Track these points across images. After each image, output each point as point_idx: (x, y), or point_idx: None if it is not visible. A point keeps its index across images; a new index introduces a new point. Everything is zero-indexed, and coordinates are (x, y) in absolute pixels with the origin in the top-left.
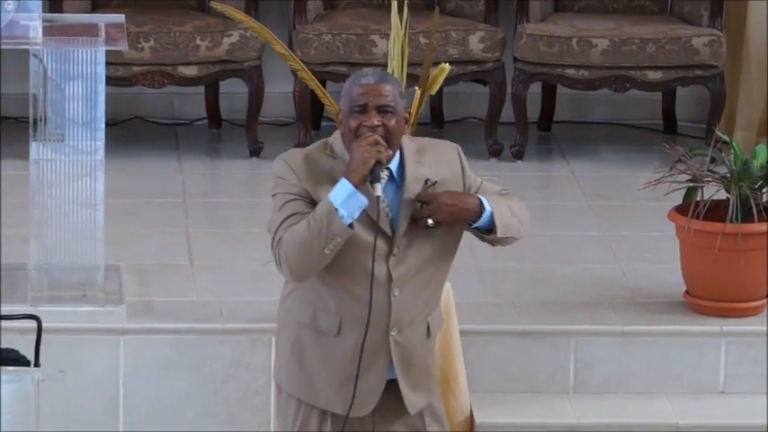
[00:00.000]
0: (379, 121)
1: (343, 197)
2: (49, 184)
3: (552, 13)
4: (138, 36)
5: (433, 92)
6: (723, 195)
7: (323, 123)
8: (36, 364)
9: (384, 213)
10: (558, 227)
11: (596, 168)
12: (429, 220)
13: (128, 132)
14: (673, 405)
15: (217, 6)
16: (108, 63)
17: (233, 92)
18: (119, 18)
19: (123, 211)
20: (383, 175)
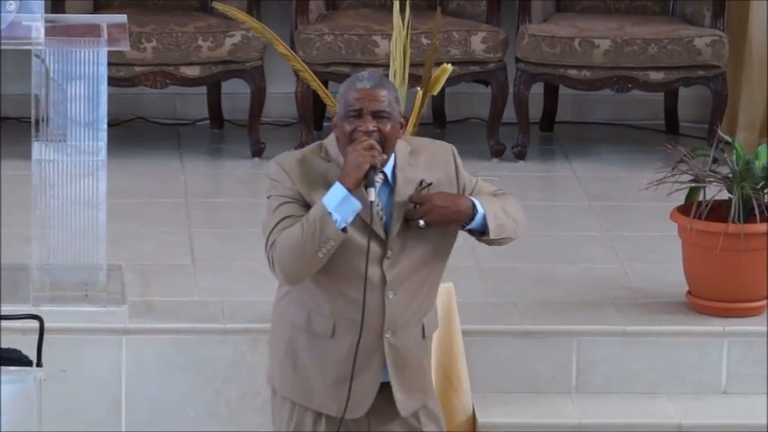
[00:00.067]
0: (375, 127)
1: (336, 201)
2: (51, 184)
3: (554, 13)
4: (141, 36)
5: (435, 92)
6: (725, 196)
7: (325, 124)
8: (38, 364)
9: (378, 217)
10: (560, 227)
11: (598, 169)
12: (421, 221)
13: (130, 133)
14: (675, 405)
15: (219, 7)
16: (110, 63)
17: (235, 92)
18: (121, 18)
19: (125, 211)
20: (378, 179)
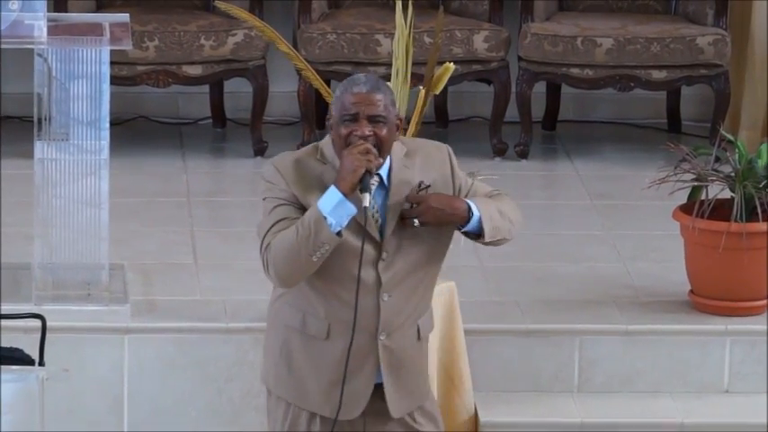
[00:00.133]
0: (371, 131)
1: (331, 205)
2: (53, 183)
3: (557, 12)
4: (143, 35)
5: (437, 91)
6: (727, 194)
7: (327, 122)
8: (40, 363)
9: (373, 219)
10: (563, 226)
11: (601, 167)
12: (416, 221)
13: (132, 132)
14: (677, 404)
15: (221, 6)
16: (112, 62)
17: (237, 91)
18: (123, 17)
19: (127, 210)
20: (374, 182)
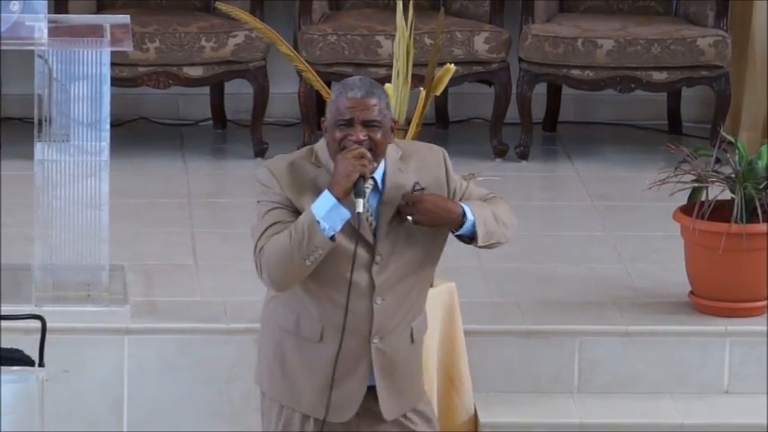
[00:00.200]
0: (365, 136)
1: (325, 210)
2: (53, 184)
3: (557, 13)
4: (144, 37)
5: (438, 92)
6: (728, 196)
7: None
8: (40, 364)
9: (367, 222)
10: (563, 227)
11: (601, 169)
12: (409, 218)
13: (133, 133)
14: (677, 405)
15: (222, 7)
16: (113, 64)
17: (238, 92)
18: (124, 19)
19: (128, 211)
20: (368, 185)
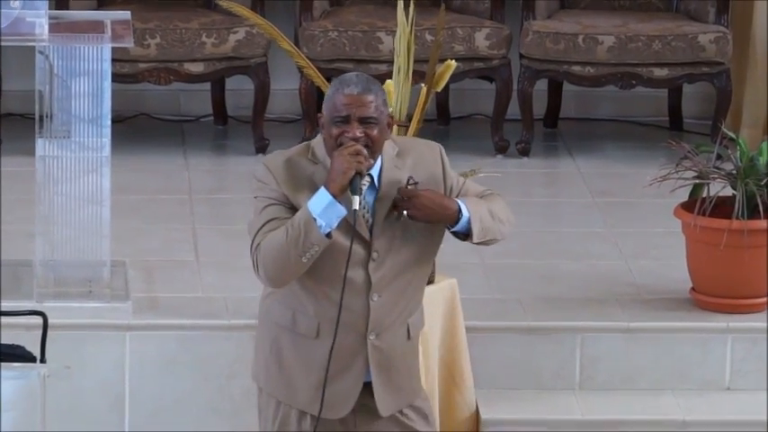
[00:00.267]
0: (362, 132)
1: (321, 207)
2: (54, 180)
3: (558, 9)
4: (144, 33)
5: (439, 89)
6: (729, 192)
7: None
8: (42, 361)
9: (364, 219)
10: (564, 223)
11: (602, 165)
12: (405, 212)
13: (134, 129)
14: (678, 401)
15: (223, 3)
16: (114, 60)
17: (239, 88)
18: (125, 15)
19: (129, 207)
20: (364, 182)
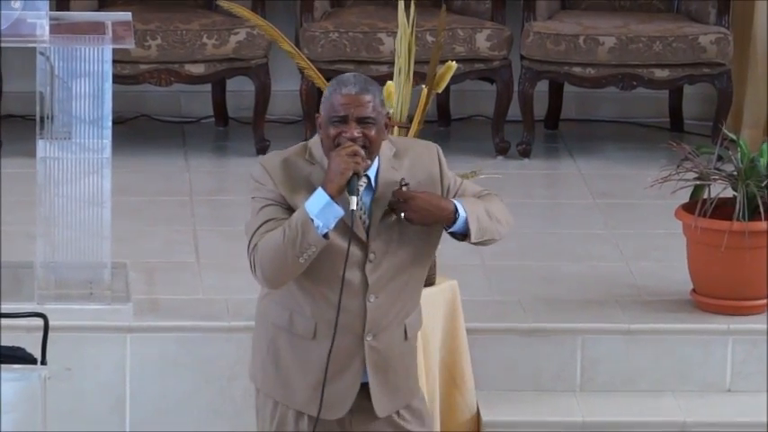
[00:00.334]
0: (360, 133)
1: (319, 207)
2: (55, 181)
3: (559, 11)
4: (145, 34)
5: (439, 90)
6: (730, 193)
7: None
8: (43, 362)
9: (361, 220)
10: (565, 225)
11: (603, 166)
12: (402, 214)
13: (134, 130)
14: (679, 403)
15: (224, 4)
16: (115, 61)
17: (240, 90)
18: (126, 16)
19: (130, 208)
20: (362, 183)
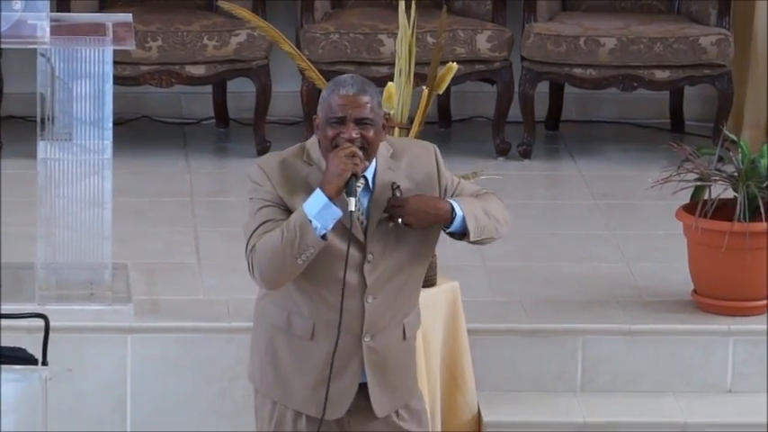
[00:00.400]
0: (357, 133)
1: (317, 209)
2: (56, 183)
3: (560, 12)
4: (146, 35)
5: (440, 91)
6: (731, 194)
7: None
8: (43, 363)
9: (358, 221)
10: (566, 226)
11: (604, 167)
12: (399, 220)
13: (135, 131)
14: (680, 403)
15: (224, 5)
16: (115, 62)
17: (240, 91)
18: (126, 17)
19: (130, 209)
20: (359, 184)
